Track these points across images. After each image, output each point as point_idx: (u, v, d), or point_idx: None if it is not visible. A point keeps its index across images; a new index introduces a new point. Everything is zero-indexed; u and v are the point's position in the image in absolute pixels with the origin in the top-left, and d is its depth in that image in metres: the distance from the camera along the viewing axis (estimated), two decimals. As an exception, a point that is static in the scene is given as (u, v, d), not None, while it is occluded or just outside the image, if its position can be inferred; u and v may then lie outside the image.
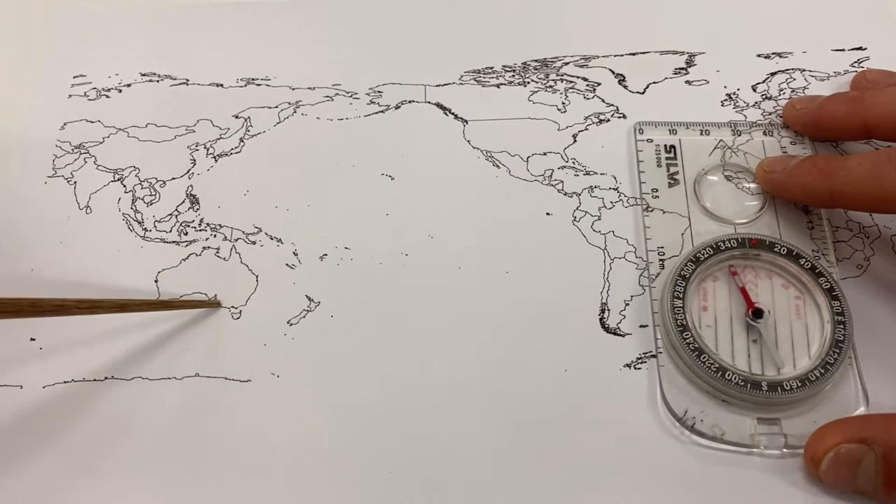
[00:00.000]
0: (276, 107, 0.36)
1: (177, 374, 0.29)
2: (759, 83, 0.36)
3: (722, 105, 0.35)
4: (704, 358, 0.28)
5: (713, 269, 0.30)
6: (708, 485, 0.27)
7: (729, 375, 0.27)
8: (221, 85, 0.37)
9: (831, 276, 0.29)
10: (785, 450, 0.27)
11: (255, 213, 0.33)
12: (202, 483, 0.27)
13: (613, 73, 0.37)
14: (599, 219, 0.33)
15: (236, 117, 0.36)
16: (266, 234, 0.33)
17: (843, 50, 0.37)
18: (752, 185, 0.33)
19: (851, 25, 0.38)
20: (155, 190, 0.34)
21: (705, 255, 0.30)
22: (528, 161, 0.34)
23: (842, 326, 0.28)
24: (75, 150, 0.35)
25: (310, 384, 0.29)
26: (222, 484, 0.27)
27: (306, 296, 0.31)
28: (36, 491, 0.27)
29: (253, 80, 0.37)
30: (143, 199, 0.34)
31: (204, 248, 0.33)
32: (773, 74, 0.36)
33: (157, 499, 0.27)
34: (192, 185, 0.34)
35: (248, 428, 0.28)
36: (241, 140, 0.35)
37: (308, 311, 0.31)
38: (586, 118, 0.35)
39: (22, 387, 0.29)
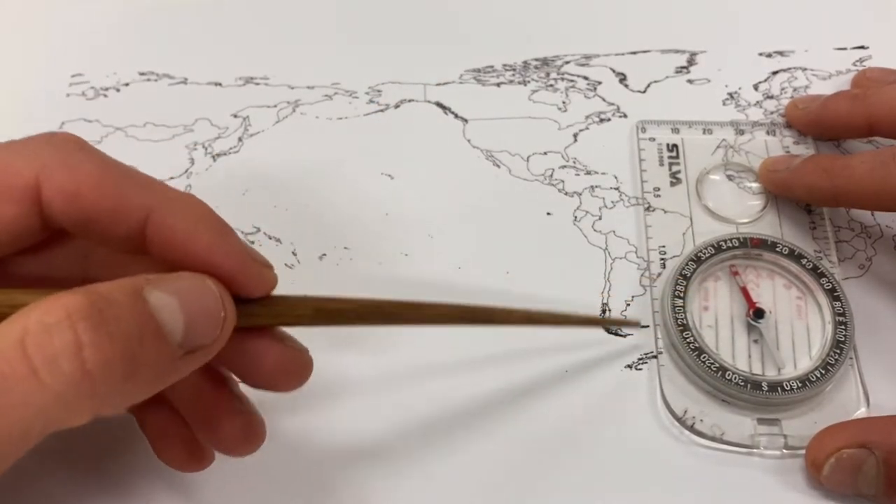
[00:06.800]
0: (275, 106, 0.36)
1: (176, 375, 0.29)
2: (760, 82, 0.36)
3: (723, 104, 0.35)
4: (705, 358, 0.28)
5: (714, 269, 0.30)
6: (708, 485, 0.27)
7: (729, 375, 0.27)
8: (220, 84, 0.37)
9: (833, 277, 0.29)
10: (785, 450, 0.27)
11: (254, 213, 0.33)
12: (202, 483, 0.27)
13: (614, 71, 0.37)
14: (600, 218, 0.32)
15: (235, 116, 0.36)
16: (265, 234, 0.33)
17: (845, 48, 0.37)
18: (755, 185, 0.32)
19: (853, 24, 0.38)
20: (154, 189, 0.34)
21: (707, 255, 0.30)
22: (528, 160, 0.34)
23: (843, 327, 0.28)
24: (74, 150, 0.35)
25: (309, 385, 0.29)
26: (222, 484, 0.27)
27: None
28: (36, 491, 0.27)
29: (251, 79, 0.37)
30: (141, 199, 0.34)
31: (203, 247, 0.32)
32: (774, 73, 0.36)
33: (156, 499, 0.27)
34: (190, 185, 0.34)
35: (247, 429, 0.28)
36: (240, 139, 0.35)
37: (307, 311, 0.31)
38: (587, 117, 0.35)
39: (21, 387, 0.29)
